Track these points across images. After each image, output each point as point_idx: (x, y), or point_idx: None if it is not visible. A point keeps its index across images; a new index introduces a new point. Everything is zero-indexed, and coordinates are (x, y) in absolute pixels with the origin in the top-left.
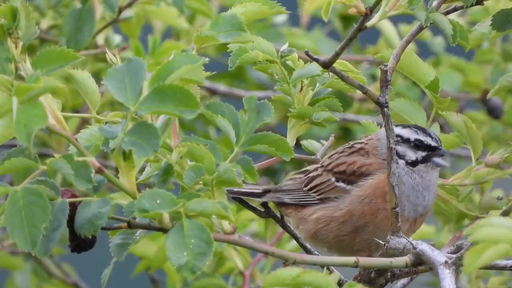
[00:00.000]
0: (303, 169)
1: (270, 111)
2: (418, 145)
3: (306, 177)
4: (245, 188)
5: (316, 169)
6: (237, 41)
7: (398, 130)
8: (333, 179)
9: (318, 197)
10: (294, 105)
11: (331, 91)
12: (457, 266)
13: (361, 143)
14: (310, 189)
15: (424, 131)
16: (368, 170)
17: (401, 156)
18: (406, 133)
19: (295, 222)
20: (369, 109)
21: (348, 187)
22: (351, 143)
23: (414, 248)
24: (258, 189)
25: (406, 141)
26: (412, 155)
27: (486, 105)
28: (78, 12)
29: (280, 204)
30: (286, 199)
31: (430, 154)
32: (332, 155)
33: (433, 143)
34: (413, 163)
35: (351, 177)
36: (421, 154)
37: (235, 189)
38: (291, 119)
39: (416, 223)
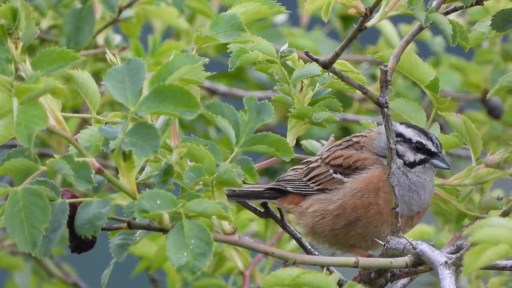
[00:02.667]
0: (305, 160)
1: (270, 111)
2: (418, 148)
3: (307, 168)
4: (247, 188)
5: (316, 161)
6: (237, 41)
7: (401, 129)
8: (331, 170)
9: (317, 187)
10: (294, 105)
11: (331, 91)
12: (457, 266)
13: (359, 136)
14: (309, 180)
15: (426, 134)
16: (362, 165)
17: (400, 156)
18: (409, 133)
19: (296, 217)
20: (369, 109)
21: (345, 179)
22: (351, 136)
23: (414, 248)
24: (260, 188)
25: (407, 141)
26: (411, 156)
27: (486, 105)
28: (78, 12)
29: (282, 200)
30: (289, 187)
31: (428, 158)
32: (330, 148)
33: (433, 148)
34: (411, 164)
35: (347, 170)
36: (419, 156)
37: (237, 190)
38: (291, 119)
39: (413, 220)
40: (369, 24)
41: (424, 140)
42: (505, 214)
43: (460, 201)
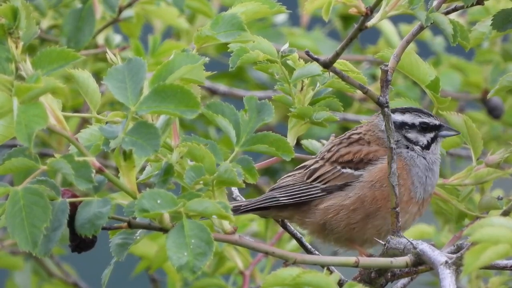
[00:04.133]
0: (300, 166)
1: (270, 111)
2: (424, 128)
3: (307, 170)
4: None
5: (316, 162)
6: (237, 41)
7: (401, 117)
8: (338, 167)
9: (323, 186)
10: (295, 105)
11: (332, 91)
12: (457, 266)
13: (359, 133)
14: (314, 180)
15: (422, 111)
16: (375, 157)
17: (415, 142)
18: (409, 118)
19: (299, 216)
20: (369, 109)
21: (356, 172)
22: (347, 134)
23: (415, 248)
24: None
25: (412, 126)
26: (423, 139)
27: (486, 105)
28: (78, 12)
29: (276, 208)
30: (282, 198)
31: (437, 133)
32: (330, 149)
33: (437, 122)
34: (427, 146)
35: (359, 164)
36: (430, 135)
37: None
38: (292, 118)
39: (423, 205)
40: (369, 23)
41: (426, 118)
42: (505, 214)
43: (460, 201)
